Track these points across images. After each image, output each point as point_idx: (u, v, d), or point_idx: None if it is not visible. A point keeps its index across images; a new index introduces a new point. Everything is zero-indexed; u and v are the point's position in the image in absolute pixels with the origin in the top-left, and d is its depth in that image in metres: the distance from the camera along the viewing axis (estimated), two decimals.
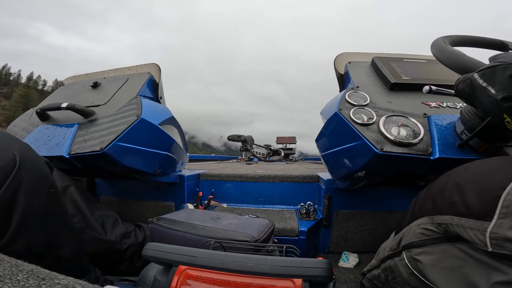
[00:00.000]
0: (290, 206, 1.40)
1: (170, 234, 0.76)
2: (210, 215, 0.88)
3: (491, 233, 0.36)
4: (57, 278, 0.29)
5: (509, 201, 0.35)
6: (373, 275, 0.71)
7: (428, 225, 0.49)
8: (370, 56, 1.15)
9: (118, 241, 0.84)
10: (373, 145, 0.71)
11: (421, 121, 0.76)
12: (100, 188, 1.46)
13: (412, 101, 0.86)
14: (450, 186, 0.46)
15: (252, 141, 4.73)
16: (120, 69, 1.37)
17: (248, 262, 0.42)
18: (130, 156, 0.92)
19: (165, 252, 0.48)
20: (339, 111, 0.82)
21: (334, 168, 1.04)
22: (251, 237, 0.69)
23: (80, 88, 1.26)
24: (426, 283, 0.49)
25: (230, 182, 1.51)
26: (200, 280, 0.48)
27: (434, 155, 0.69)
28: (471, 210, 0.39)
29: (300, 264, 0.41)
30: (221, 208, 1.40)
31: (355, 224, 1.18)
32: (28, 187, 0.49)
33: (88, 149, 0.84)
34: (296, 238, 1.06)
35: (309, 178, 1.41)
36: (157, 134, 1.02)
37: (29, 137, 0.97)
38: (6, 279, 0.27)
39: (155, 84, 1.27)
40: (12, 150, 0.50)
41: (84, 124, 0.96)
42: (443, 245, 0.47)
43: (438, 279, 0.47)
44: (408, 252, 0.54)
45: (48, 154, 0.86)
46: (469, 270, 0.42)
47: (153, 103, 1.11)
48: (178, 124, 1.25)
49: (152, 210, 1.36)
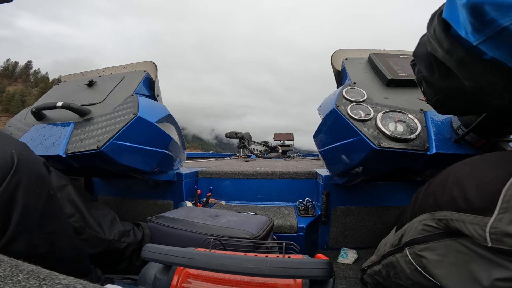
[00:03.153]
0: (288, 203, 1.41)
1: (169, 233, 0.76)
2: (209, 212, 0.88)
3: (491, 228, 0.36)
4: (57, 278, 0.29)
5: (509, 195, 0.35)
6: (374, 271, 0.72)
7: (429, 221, 0.49)
8: (367, 52, 1.15)
9: (117, 239, 0.84)
10: (370, 140, 0.72)
11: (418, 117, 0.76)
12: (98, 187, 1.46)
13: (408, 97, 0.86)
14: (451, 182, 0.45)
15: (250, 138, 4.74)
16: (116, 67, 1.36)
17: (247, 263, 0.42)
18: (127, 154, 0.91)
19: (164, 254, 0.48)
20: (337, 107, 0.83)
21: (332, 164, 1.05)
22: (251, 234, 0.69)
23: (75, 86, 1.25)
24: (429, 279, 0.50)
25: (228, 180, 1.51)
26: (200, 279, 0.48)
27: (431, 150, 0.69)
28: (471, 205, 0.39)
29: (300, 265, 0.41)
30: (220, 206, 1.40)
31: (353, 220, 1.19)
32: (26, 187, 0.49)
33: (85, 148, 0.83)
34: (295, 235, 1.07)
35: (307, 174, 1.42)
36: (154, 132, 1.02)
37: (25, 137, 0.96)
38: (7, 280, 0.27)
39: (152, 82, 1.26)
40: (10, 150, 0.49)
41: (80, 123, 0.95)
42: (445, 240, 0.47)
43: (443, 274, 0.47)
44: (411, 248, 0.54)
45: (44, 154, 0.86)
46: (474, 265, 0.41)
47: (150, 101, 1.10)
48: (175, 122, 1.25)
49: (151, 208, 1.36)
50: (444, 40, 0.39)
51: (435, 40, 0.41)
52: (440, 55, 0.42)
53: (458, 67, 0.41)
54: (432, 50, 0.44)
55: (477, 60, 0.37)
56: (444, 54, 0.41)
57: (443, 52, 0.41)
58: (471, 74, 0.40)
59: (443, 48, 0.40)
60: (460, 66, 0.40)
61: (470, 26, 0.31)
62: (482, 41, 0.31)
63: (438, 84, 0.50)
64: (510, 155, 0.42)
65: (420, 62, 0.52)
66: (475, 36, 0.32)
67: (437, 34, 0.40)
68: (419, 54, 0.51)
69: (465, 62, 0.39)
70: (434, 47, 0.42)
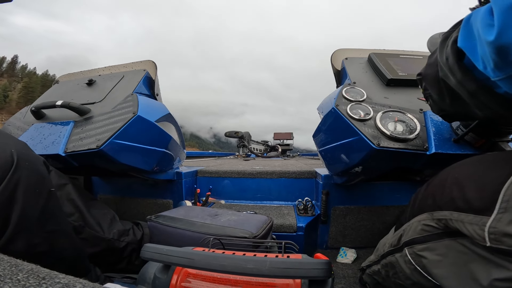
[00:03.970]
0: (288, 202, 1.41)
1: (169, 232, 0.77)
2: (208, 212, 0.88)
3: (490, 227, 0.36)
4: (57, 277, 0.29)
5: (508, 196, 0.35)
6: (373, 271, 0.72)
7: (428, 221, 0.49)
8: (367, 52, 1.15)
9: (116, 238, 0.84)
10: (370, 140, 0.72)
11: (417, 117, 0.76)
12: (97, 186, 1.46)
13: (408, 96, 0.86)
14: (450, 182, 0.46)
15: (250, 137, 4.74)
16: (115, 66, 1.36)
17: (247, 264, 0.42)
18: (127, 153, 0.91)
19: (163, 254, 0.48)
20: (336, 107, 0.83)
21: (332, 163, 1.05)
22: (250, 233, 0.70)
23: (75, 85, 1.25)
24: (429, 279, 0.50)
25: (228, 179, 1.51)
26: (199, 278, 0.48)
27: (430, 150, 0.69)
28: (470, 205, 0.39)
29: (300, 265, 0.41)
30: (219, 205, 1.40)
31: (352, 220, 1.19)
32: (26, 186, 0.49)
33: (84, 147, 0.83)
34: (295, 234, 1.07)
35: (307, 173, 1.42)
36: (154, 131, 1.02)
37: (24, 135, 0.96)
38: (7, 279, 0.27)
39: (151, 81, 1.26)
40: (10, 149, 0.49)
41: (79, 122, 0.95)
42: (445, 240, 0.47)
43: (442, 274, 0.47)
44: (410, 248, 0.54)
45: (44, 153, 0.85)
46: (473, 265, 0.42)
47: (150, 100, 1.10)
48: (175, 121, 1.25)
49: (150, 207, 1.36)
50: (457, 71, 0.39)
51: (448, 69, 0.41)
52: (452, 83, 0.42)
53: (470, 98, 0.41)
54: (443, 76, 0.44)
55: (490, 93, 0.37)
56: (456, 83, 0.41)
57: (455, 81, 0.41)
58: (483, 105, 0.41)
59: (455, 78, 0.40)
60: (473, 97, 0.40)
61: (492, 62, 0.31)
62: (502, 78, 0.32)
63: (448, 108, 0.50)
64: (509, 155, 0.42)
65: (430, 85, 0.51)
66: (496, 73, 0.32)
67: (450, 64, 0.40)
68: (428, 77, 0.51)
69: (477, 94, 0.39)
70: (446, 75, 0.42)
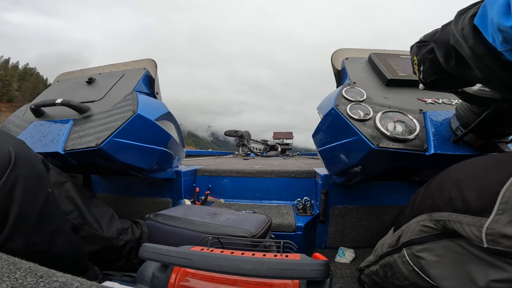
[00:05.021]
0: (287, 202, 1.41)
1: (167, 231, 0.77)
2: (207, 211, 0.88)
3: (487, 229, 0.36)
4: (55, 276, 0.29)
5: (507, 197, 0.35)
6: (371, 271, 0.72)
7: (427, 222, 0.49)
8: (367, 52, 1.15)
9: (115, 237, 0.84)
10: (369, 140, 0.72)
11: (417, 117, 0.76)
12: (96, 185, 1.46)
13: (408, 97, 0.86)
14: (449, 183, 0.46)
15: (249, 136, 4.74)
16: (116, 64, 1.36)
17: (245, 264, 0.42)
18: (126, 152, 0.91)
19: (162, 254, 0.48)
20: (336, 107, 0.83)
21: (331, 163, 1.05)
22: (249, 232, 0.70)
23: (74, 84, 1.25)
24: (426, 280, 0.50)
25: (227, 178, 1.51)
26: (198, 277, 0.48)
27: (430, 151, 0.69)
28: (469, 206, 0.40)
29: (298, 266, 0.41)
30: (218, 204, 1.40)
31: (351, 219, 1.19)
32: (24, 184, 0.49)
33: (84, 145, 0.83)
34: (293, 234, 1.07)
35: (306, 173, 1.42)
36: (153, 130, 1.02)
37: (24, 133, 0.96)
38: (4, 277, 0.27)
39: (151, 79, 1.26)
40: (7, 147, 0.49)
41: (79, 120, 0.94)
42: (443, 241, 0.47)
43: (440, 275, 0.47)
44: (409, 249, 0.54)
45: (43, 151, 0.85)
46: (471, 266, 0.42)
47: (149, 99, 1.10)
48: (175, 120, 1.25)
49: (149, 206, 1.36)
50: (471, 38, 0.41)
51: (461, 37, 0.43)
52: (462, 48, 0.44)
53: (476, 60, 0.43)
54: (454, 43, 0.45)
55: (495, 58, 0.39)
56: (466, 48, 0.43)
57: (466, 46, 0.42)
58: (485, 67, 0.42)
59: (467, 43, 0.42)
60: (479, 59, 0.42)
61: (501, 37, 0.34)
62: (507, 49, 0.35)
63: (450, 69, 0.51)
64: (508, 157, 0.42)
65: (439, 48, 0.53)
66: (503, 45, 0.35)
67: (465, 32, 0.42)
68: (439, 41, 0.52)
69: (484, 57, 0.41)
70: (458, 41, 0.44)
